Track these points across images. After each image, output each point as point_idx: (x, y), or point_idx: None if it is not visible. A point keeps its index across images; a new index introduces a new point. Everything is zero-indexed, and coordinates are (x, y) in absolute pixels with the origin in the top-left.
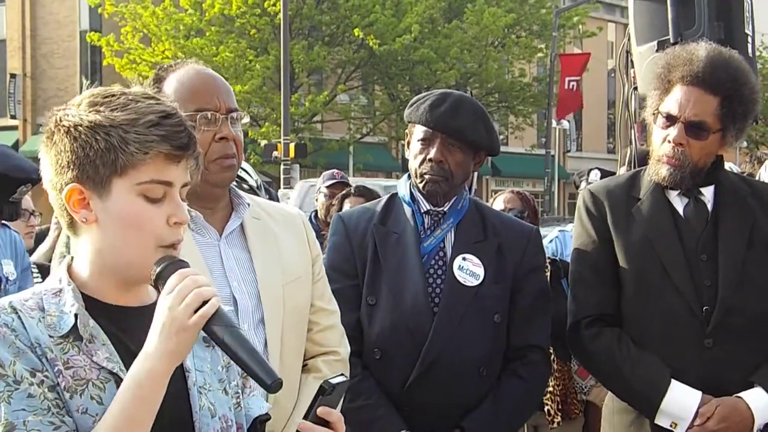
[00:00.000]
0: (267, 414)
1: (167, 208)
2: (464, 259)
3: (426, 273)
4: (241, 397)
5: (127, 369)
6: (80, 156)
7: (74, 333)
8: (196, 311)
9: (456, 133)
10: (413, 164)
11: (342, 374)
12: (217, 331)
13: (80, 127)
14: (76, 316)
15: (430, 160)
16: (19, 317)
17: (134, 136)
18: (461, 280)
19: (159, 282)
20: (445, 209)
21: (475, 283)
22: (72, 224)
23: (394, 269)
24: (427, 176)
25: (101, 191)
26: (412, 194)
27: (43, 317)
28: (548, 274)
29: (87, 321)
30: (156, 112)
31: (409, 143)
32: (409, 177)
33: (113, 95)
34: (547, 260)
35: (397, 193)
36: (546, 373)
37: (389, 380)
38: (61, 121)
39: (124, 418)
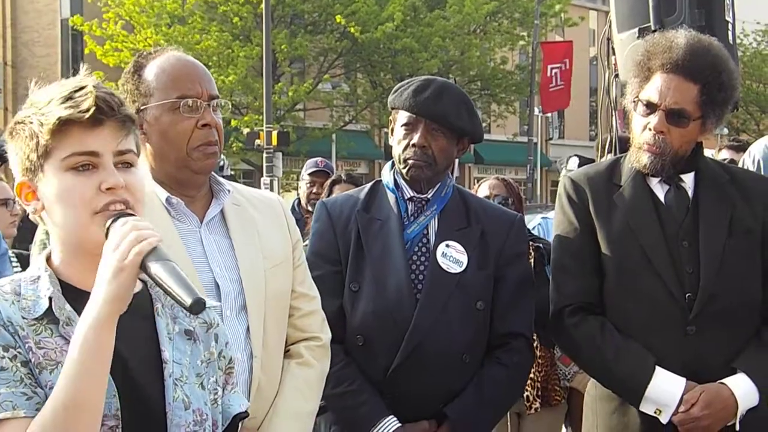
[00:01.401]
0: (246, 411)
1: (97, 177)
2: (447, 245)
3: (409, 260)
4: (219, 393)
5: None
6: (19, 153)
7: (49, 316)
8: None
9: (439, 118)
10: (397, 150)
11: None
12: (150, 266)
13: (17, 125)
14: (50, 299)
15: (413, 145)
16: None
17: (47, 117)
18: (444, 266)
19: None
20: (429, 196)
21: (459, 269)
22: (40, 220)
23: (377, 256)
24: (410, 161)
25: (41, 178)
26: (395, 181)
27: (18, 300)
28: (532, 260)
29: (63, 304)
30: (69, 89)
31: (392, 130)
32: (393, 164)
33: (47, 87)
34: (531, 246)
35: (381, 180)
36: (529, 360)
37: (372, 367)
38: (9, 129)
39: (78, 371)
